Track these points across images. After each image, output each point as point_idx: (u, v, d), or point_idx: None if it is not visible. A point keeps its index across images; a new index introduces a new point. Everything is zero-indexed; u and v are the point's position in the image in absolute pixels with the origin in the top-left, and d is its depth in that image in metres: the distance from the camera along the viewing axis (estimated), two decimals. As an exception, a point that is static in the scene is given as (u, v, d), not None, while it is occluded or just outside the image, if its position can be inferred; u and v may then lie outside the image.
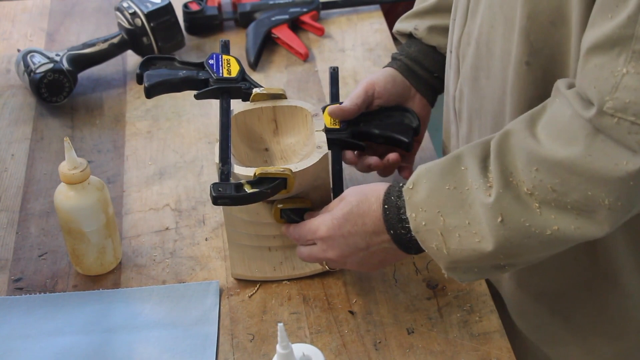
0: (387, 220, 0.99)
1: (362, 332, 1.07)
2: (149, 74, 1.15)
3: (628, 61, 0.81)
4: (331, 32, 1.60)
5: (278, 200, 1.09)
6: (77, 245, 1.14)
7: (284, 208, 1.09)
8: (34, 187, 1.30)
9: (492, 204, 0.90)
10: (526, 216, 0.90)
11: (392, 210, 0.99)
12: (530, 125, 0.90)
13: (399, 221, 0.98)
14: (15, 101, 1.47)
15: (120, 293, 1.14)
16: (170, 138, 1.39)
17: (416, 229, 0.96)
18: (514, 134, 0.91)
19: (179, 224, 1.23)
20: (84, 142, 1.38)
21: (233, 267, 1.13)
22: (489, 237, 0.92)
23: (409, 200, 0.97)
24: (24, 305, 1.12)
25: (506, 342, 1.05)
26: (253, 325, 1.09)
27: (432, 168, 0.96)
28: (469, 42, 1.05)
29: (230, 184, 1.03)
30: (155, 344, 1.07)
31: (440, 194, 0.94)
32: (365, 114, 1.19)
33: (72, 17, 1.67)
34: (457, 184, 0.94)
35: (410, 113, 1.21)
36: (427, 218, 0.95)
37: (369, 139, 1.18)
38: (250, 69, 1.51)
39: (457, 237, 0.94)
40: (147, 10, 1.48)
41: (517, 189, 0.90)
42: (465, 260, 0.95)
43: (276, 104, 1.15)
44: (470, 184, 0.93)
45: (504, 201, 0.90)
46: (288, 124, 1.16)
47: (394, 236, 0.99)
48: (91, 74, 1.51)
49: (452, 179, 0.94)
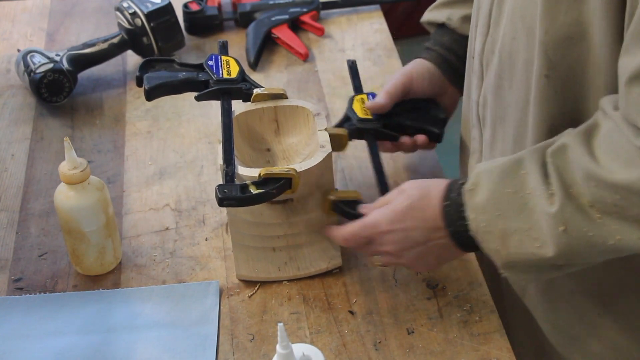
0: (447, 216, 1.00)
1: (362, 332, 1.07)
2: (149, 76, 1.14)
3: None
4: (331, 32, 1.60)
5: (330, 192, 1.10)
6: (77, 245, 1.14)
7: (336, 200, 1.09)
8: (34, 187, 1.30)
9: (555, 213, 0.91)
10: (589, 226, 0.90)
11: (453, 207, 0.99)
12: (587, 141, 0.91)
13: (459, 218, 0.99)
14: (15, 101, 1.47)
15: (120, 293, 1.14)
16: (170, 138, 1.39)
17: (476, 229, 0.97)
18: (570, 148, 0.91)
19: (179, 224, 1.23)
20: (84, 142, 1.38)
21: (238, 268, 1.13)
22: (551, 244, 0.92)
23: (469, 201, 0.97)
24: (24, 305, 1.12)
25: (506, 342, 1.05)
26: (253, 325, 1.09)
27: (492, 170, 0.97)
28: (493, 50, 1.05)
29: (236, 185, 1.02)
30: (155, 344, 1.07)
31: (501, 197, 0.95)
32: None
33: (72, 17, 1.67)
34: (518, 187, 0.94)
35: (435, 104, 1.23)
36: (487, 220, 0.96)
37: (401, 130, 1.21)
38: (250, 69, 1.51)
39: (517, 240, 0.95)
40: (147, 10, 1.48)
41: (577, 199, 0.90)
42: (523, 262, 0.96)
43: (277, 104, 1.15)
44: (531, 189, 0.93)
45: (567, 211, 0.90)
46: (289, 123, 1.16)
47: (453, 233, 1.00)
48: (91, 74, 1.51)
49: (512, 183, 0.95)
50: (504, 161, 0.97)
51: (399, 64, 1.51)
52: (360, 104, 1.21)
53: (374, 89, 1.45)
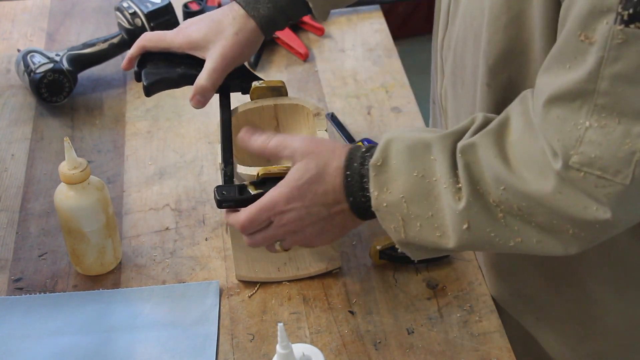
0: (348, 187, 0.97)
1: (362, 332, 1.07)
2: (147, 71, 1.14)
3: (590, 114, 0.81)
4: (331, 32, 1.60)
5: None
6: (77, 245, 1.14)
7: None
8: (34, 187, 1.30)
9: (461, 211, 0.90)
10: (492, 226, 0.90)
11: (355, 178, 0.97)
12: (498, 142, 0.89)
13: (360, 190, 0.96)
14: (15, 101, 1.47)
15: (120, 293, 1.14)
16: (170, 138, 1.39)
17: (376, 206, 0.95)
18: (481, 147, 0.90)
19: (179, 224, 1.23)
20: (84, 142, 1.38)
21: (237, 269, 1.13)
22: (452, 237, 0.92)
23: (374, 177, 0.95)
24: (24, 305, 1.12)
25: (506, 342, 1.05)
26: (253, 325, 1.09)
27: (401, 149, 0.94)
28: (449, 47, 1.05)
29: (234, 186, 1.03)
30: (155, 344, 1.07)
31: (407, 179, 0.93)
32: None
33: (72, 17, 1.67)
34: (425, 172, 0.93)
35: None
36: (390, 201, 0.94)
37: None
38: (250, 69, 1.51)
39: (418, 226, 0.94)
40: (147, 10, 1.48)
41: (484, 197, 0.90)
42: (420, 245, 0.96)
43: (277, 102, 1.15)
44: (438, 177, 0.92)
45: (472, 209, 0.90)
46: (289, 120, 1.15)
47: (353, 203, 0.98)
48: (91, 74, 1.51)
49: (421, 166, 0.93)
50: (414, 140, 0.94)
51: (399, 64, 1.51)
52: None
53: (374, 89, 1.46)
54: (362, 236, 1.19)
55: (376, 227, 1.20)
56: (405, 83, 1.47)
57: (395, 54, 1.54)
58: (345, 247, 1.18)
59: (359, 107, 1.43)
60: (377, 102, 1.43)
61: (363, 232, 1.20)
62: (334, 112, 1.40)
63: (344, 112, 1.41)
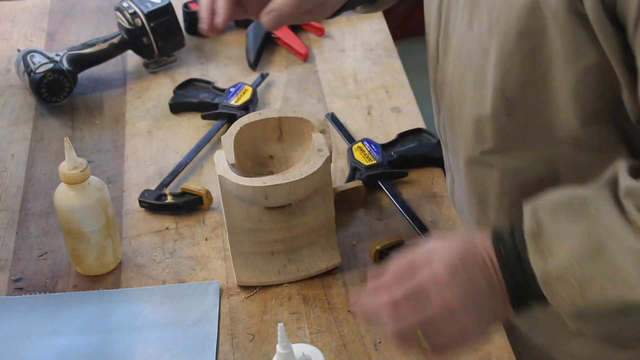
0: (506, 266, 0.85)
1: (362, 332, 1.07)
2: (178, 93, 1.42)
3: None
4: (331, 32, 1.60)
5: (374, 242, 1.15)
6: (77, 245, 1.14)
7: (381, 249, 1.14)
8: (34, 187, 1.30)
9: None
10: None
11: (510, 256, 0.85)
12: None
13: (518, 268, 0.85)
14: (15, 101, 1.47)
15: (120, 293, 1.14)
16: (170, 138, 1.39)
17: (545, 279, 0.84)
18: None
19: (179, 224, 1.23)
20: (84, 142, 1.38)
21: (238, 275, 1.13)
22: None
23: (533, 247, 0.84)
24: (24, 305, 1.12)
25: (506, 342, 1.05)
26: (253, 325, 1.09)
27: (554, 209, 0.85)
28: (444, 83, 1.04)
29: (157, 192, 1.24)
30: (155, 344, 1.07)
31: (572, 240, 0.83)
32: (385, 145, 1.29)
33: (72, 17, 1.67)
34: (591, 228, 0.83)
35: (422, 130, 1.33)
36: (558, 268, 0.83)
37: (406, 164, 1.28)
38: (250, 69, 1.51)
39: (599, 286, 0.82)
40: (147, 10, 1.48)
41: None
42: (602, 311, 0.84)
43: (281, 115, 1.14)
44: (608, 228, 0.82)
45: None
46: (293, 131, 1.15)
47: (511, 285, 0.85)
48: (91, 74, 1.51)
49: (584, 223, 0.83)
50: (563, 200, 0.86)
51: (399, 64, 1.51)
52: (361, 152, 1.27)
53: (374, 89, 1.46)
54: (362, 236, 1.20)
55: (376, 227, 1.21)
56: (405, 83, 1.47)
57: (395, 54, 1.54)
58: (345, 247, 1.18)
59: (359, 107, 1.43)
60: (377, 102, 1.43)
61: (363, 232, 1.20)
62: (334, 112, 1.40)
63: (344, 112, 1.41)
